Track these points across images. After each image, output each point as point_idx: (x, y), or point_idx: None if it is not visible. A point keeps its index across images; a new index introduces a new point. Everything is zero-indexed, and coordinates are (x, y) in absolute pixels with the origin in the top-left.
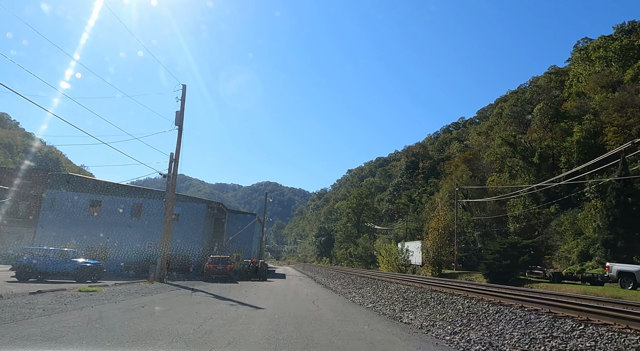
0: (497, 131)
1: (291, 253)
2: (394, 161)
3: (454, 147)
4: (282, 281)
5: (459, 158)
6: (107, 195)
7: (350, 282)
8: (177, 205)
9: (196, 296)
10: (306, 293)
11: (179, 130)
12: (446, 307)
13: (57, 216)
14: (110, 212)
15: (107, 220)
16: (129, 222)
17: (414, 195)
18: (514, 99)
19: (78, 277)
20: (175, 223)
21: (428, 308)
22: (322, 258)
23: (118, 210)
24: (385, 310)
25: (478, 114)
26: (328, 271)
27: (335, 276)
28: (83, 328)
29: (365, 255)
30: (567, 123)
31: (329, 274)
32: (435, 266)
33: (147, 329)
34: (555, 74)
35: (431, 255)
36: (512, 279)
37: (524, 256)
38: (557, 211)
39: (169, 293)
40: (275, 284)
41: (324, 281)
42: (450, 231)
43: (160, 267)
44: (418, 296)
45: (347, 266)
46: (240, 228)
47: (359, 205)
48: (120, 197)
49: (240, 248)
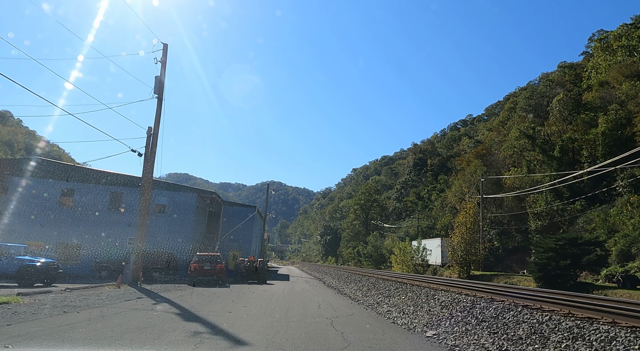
0: (512, 125)
1: (295, 253)
2: (400, 159)
3: (464, 142)
4: (285, 285)
5: (471, 154)
6: (83, 183)
7: (371, 286)
8: (163, 195)
9: (153, 314)
10: (317, 303)
11: (158, 98)
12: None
13: (23, 207)
14: (84, 203)
15: (81, 212)
16: (107, 215)
17: (422, 192)
18: (528, 92)
19: (20, 280)
20: (160, 216)
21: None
22: (328, 257)
23: (94, 200)
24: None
25: (486, 111)
26: (337, 272)
27: (348, 278)
28: None
29: (376, 254)
30: (588, 115)
31: (340, 275)
32: (463, 267)
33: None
34: (569, 68)
35: (459, 254)
36: (570, 284)
37: (590, 255)
38: (583, 207)
39: (123, 305)
40: (277, 289)
41: (335, 284)
42: (478, 226)
43: (134, 268)
44: (511, 318)
45: (354, 266)
46: (238, 223)
47: (368, 202)
48: (98, 185)
49: (239, 246)
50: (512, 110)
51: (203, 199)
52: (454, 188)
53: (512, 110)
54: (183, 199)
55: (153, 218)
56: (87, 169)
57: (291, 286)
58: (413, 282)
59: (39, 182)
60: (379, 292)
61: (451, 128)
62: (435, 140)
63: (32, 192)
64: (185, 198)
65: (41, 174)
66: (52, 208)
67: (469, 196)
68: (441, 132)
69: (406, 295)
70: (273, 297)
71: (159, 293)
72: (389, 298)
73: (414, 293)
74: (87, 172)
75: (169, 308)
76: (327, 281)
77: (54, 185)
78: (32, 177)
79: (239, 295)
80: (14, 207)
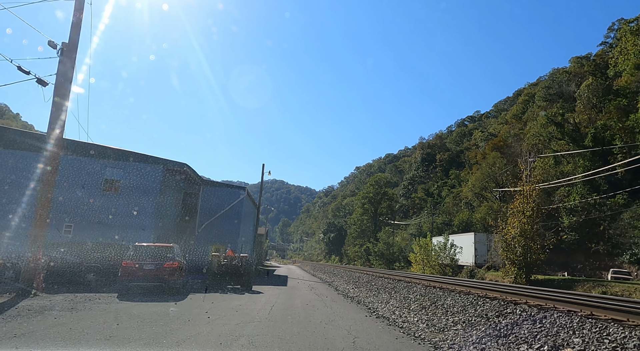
0: (530, 117)
1: (297, 252)
2: (405, 157)
3: (476, 136)
4: (280, 294)
5: (487, 147)
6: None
7: (428, 300)
8: (116, 167)
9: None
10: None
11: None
12: None
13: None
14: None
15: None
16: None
17: (431, 188)
18: (548, 81)
19: None
20: (110, 196)
21: None
22: (331, 256)
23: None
24: None
25: (495, 107)
26: (349, 273)
27: (367, 283)
28: None
29: (388, 252)
30: (622, 101)
31: (355, 278)
32: (521, 269)
33: None
34: (585, 58)
35: (518, 252)
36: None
37: None
38: (626, 201)
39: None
40: (262, 303)
41: (355, 293)
42: (535, 216)
43: (29, 268)
44: None
45: (361, 265)
46: (224, 208)
47: (377, 195)
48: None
49: (224, 239)
50: (527, 102)
51: (172, 174)
52: (471, 182)
53: (527, 103)
54: (144, 173)
55: (100, 198)
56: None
57: (288, 296)
58: (505, 296)
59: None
60: (449, 314)
61: (458, 125)
62: (442, 136)
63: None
64: (147, 172)
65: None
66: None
67: (527, 177)
68: (447, 129)
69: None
70: (243, 333)
71: (30, 316)
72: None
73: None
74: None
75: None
76: (340, 287)
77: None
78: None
79: (169, 327)
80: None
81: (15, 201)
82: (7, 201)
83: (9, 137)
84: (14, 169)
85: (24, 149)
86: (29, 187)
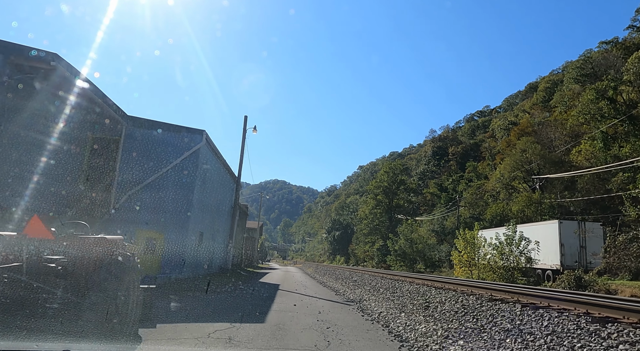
0: (559, 100)
1: (299, 252)
2: (410, 154)
3: (495, 124)
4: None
5: (512, 134)
6: None
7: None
8: None
9: None
10: None
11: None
12: None
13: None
14: None
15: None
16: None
17: (445, 183)
18: (580, 62)
19: None
20: None
21: None
22: (336, 257)
23: None
24: None
25: (505, 102)
26: (372, 281)
27: (463, 312)
28: None
29: (411, 251)
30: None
31: (392, 289)
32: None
33: None
34: (612, 44)
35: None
36: None
37: None
38: None
39: None
40: None
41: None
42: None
43: None
44: None
45: (372, 267)
46: (166, 166)
47: (392, 184)
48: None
49: (166, 221)
50: (552, 88)
51: (31, 79)
52: (499, 171)
53: (552, 89)
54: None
55: None
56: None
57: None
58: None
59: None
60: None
61: (467, 120)
62: (454, 129)
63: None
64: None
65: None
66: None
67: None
68: (455, 125)
69: None
70: None
71: None
72: None
73: None
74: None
75: None
76: (384, 321)
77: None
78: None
79: None
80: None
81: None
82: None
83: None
84: None
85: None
86: None
